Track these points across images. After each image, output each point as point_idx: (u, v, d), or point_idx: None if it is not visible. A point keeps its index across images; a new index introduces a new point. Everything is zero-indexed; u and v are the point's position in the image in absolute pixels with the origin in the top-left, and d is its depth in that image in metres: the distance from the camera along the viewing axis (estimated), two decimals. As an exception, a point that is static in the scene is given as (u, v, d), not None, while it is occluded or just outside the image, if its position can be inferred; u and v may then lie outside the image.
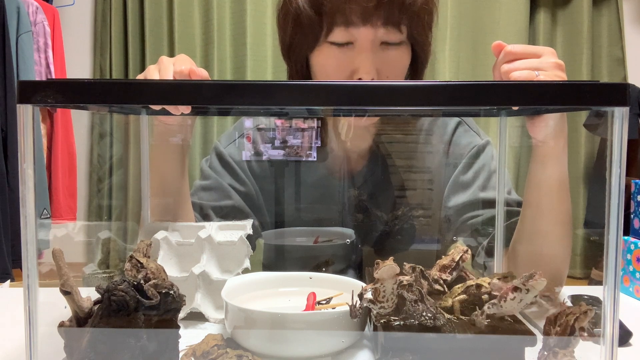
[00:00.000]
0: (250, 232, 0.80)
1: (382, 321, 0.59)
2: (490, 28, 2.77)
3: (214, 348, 0.58)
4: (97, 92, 0.52)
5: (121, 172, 2.48)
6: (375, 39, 0.87)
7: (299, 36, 0.91)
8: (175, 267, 0.78)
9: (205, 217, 0.97)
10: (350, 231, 1.00)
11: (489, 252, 0.88)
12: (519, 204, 0.88)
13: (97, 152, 2.78)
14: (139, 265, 0.61)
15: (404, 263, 0.70)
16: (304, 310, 0.68)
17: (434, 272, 0.74)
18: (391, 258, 0.59)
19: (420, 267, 0.69)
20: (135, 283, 0.56)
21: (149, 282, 0.57)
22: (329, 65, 0.90)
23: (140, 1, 2.81)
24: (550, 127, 0.76)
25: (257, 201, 1.01)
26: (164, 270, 0.62)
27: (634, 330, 0.68)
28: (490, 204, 0.90)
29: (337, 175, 1.02)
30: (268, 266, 1.06)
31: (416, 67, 0.95)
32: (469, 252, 0.76)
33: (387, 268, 0.57)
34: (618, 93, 0.51)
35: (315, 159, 0.97)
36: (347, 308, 0.61)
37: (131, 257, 0.62)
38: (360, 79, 0.87)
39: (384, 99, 0.52)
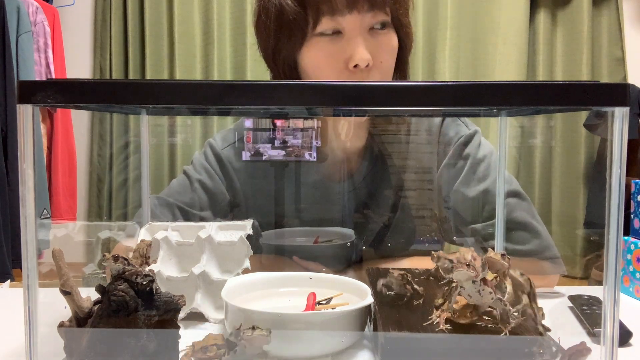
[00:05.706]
0: (251, 232, 0.79)
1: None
2: (490, 28, 2.78)
3: (212, 347, 0.58)
4: (97, 92, 0.52)
5: (121, 172, 2.48)
6: (363, 24, 0.85)
7: (285, 35, 0.88)
8: (175, 267, 0.78)
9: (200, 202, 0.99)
10: (350, 231, 1.00)
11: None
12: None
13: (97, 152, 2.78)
14: (124, 261, 0.59)
15: (391, 270, 0.70)
16: (304, 311, 0.68)
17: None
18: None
19: (408, 273, 0.68)
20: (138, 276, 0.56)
21: (132, 271, 0.57)
22: (320, 58, 0.87)
23: (140, 1, 2.81)
24: None
25: (243, 201, 1.02)
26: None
27: (634, 331, 0.68)
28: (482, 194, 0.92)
29: (337, 175, 1.02)
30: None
31: (402, 53, 0.93)
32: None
33: (462, 272, 0.55)
34: (618, 93, 0.51)
35: (315, 159, 0.97)
36: (347, 308, 0.61)
37: (115, 257, 0.59)
38: (356, 66, 0.85)
39: (383, 99, 0.52)
